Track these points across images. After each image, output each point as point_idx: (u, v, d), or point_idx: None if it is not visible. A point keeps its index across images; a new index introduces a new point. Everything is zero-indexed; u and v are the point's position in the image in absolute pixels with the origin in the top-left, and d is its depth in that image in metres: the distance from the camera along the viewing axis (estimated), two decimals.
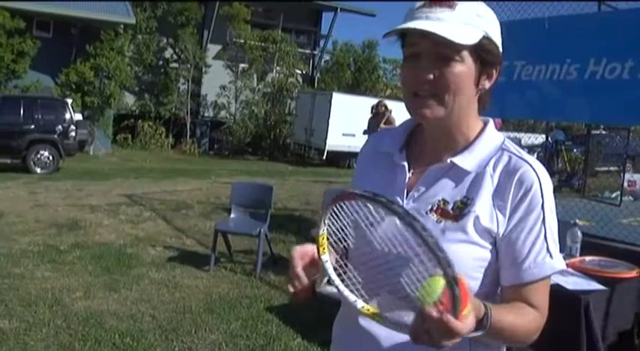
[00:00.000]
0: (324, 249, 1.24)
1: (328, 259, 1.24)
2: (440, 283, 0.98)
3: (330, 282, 1.24)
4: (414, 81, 1.23)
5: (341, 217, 1.21)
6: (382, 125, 12.74)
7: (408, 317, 1.05)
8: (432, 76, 1.21)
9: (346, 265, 1.25)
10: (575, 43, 4.89)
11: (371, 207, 1.14)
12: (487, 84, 1.28)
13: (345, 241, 1.25)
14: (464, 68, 1.21)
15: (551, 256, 1.24)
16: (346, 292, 1.20)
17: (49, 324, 4.64)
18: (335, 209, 1.20)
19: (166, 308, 5.18)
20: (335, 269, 1.23)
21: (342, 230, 1.24)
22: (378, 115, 13.25)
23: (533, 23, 5.26)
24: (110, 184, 12.70)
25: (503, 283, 1.27)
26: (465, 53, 1.21)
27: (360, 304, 1.16)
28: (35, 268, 6.13)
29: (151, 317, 4.94)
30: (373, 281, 1.19)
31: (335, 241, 1.25)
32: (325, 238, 1.24)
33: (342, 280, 1.22)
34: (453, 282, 0.97)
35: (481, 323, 1.11)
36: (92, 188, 11.96)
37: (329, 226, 1.24)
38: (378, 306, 1.15)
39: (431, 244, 0.99)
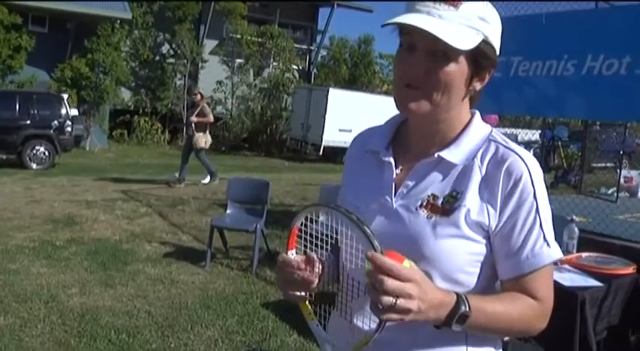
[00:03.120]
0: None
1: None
2: None
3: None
4: (405, 73, 1.22)
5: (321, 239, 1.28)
6: (193, 118, 11.55)
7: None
8: (423, 72, 1.19)
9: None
10: (573, 39, 4.89)
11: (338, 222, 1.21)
12: (478, 86, 1.27)
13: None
14: (457, 69, 1.20)
15: (548, 244, 1.22)
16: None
17: (45, 320, 4.63)
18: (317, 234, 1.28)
19: (162, 304, 5.17)
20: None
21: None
22: (194, 106, 12.07)
23: (530, 19, 5.26)
24: (106, 180, 12.66)
25: (501, 276, 1.26)
26: (460, 55, 1.19)
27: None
28: (31, 264, 6.11)
29: (146, 313, 4.93)
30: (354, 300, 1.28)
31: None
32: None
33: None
34: (374, 248, 1.05)
35: (457, 308, 1.11)
36: (88, 184, 11.93)
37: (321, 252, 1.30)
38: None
39: (357, 221, 1.08)
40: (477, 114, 1.34)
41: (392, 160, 1.33)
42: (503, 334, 1.26)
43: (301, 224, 1.27)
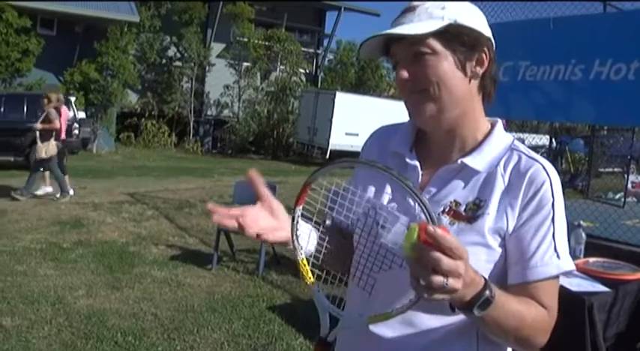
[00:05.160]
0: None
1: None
2: (416, 228, 0.94)
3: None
4: (401, 86, 1.25)
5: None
6: (37, 124, 10.00)
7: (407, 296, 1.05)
8: (407, 75, 1.22)
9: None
10: (581, 43, 4.87)
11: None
12: (479, 70, 1.26)
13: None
14: (439, 59, 1.21)
15: (558, 256, 1.22)
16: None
17: (52, 322, 4.65)
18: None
19: (168, 307, 5.18)
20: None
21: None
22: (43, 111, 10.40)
23: (537, 23, 5.24)
24: (113, 183, 12.71)
25: (510, 281, 1.25)
26: (435, 44, 1.20)
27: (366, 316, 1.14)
28: (38, 265, 6.14)
29: (153, 316, 4.94)
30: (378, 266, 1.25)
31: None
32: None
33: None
34: (432, 220, 0.97)
35: (483, 291, 1.06)
36: (95, 186, 11.97)
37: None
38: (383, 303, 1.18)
39: (409, 187, 1.01)
40: (499, 123, 1.34)
41: (417, 163, 1.34)
42: (510, 335, 1.23)
43: (323, 179, 1.22)
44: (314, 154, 22.64)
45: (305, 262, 1.24)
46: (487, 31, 1.27)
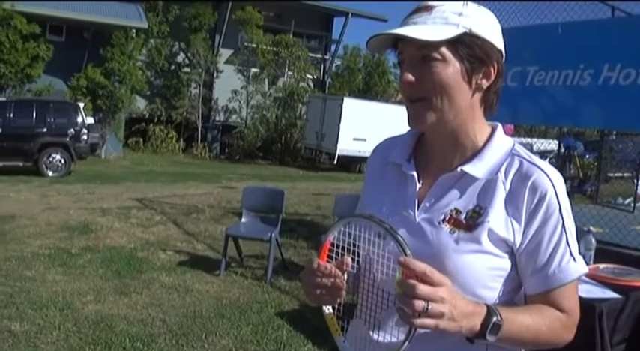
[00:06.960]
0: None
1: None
2: (401, 268, 1.09)
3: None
4: (403, 87, 1.23)
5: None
6: None
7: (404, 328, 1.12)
8: (412, 79, 1.20)
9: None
10: (589, 48, 4.86)
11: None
12: (485, 83, 1.24)
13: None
14: (446, 67, 1.19)
15: (574, 259, 1.22)
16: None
17: (60, 327, 4.65)
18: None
19: (177, 312, 5.18)
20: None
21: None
22: None
23: (546, 28, 5.23)
24: (121, 188, 12.75)
25: (528, 291, 1.25)
26: (445, 52, 1.19)
27: None
28: (46, 271, 6.15)
29: (161, 321, 4.94)
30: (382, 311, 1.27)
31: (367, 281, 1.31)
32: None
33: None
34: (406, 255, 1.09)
35: (489, 317, 1.11)
36: (103, 192, 12.01)
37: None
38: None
39: (390, 230, 1.13)
40: (499, 127, 1.33)
41: (415, 173, 1.33)
42: (531, 346, 1.25)
43: (334, 237, 1.26)
44: (322, 159, 22.66)
45: (332, 316, 1.30)
46: (500, 44, 1.25)
